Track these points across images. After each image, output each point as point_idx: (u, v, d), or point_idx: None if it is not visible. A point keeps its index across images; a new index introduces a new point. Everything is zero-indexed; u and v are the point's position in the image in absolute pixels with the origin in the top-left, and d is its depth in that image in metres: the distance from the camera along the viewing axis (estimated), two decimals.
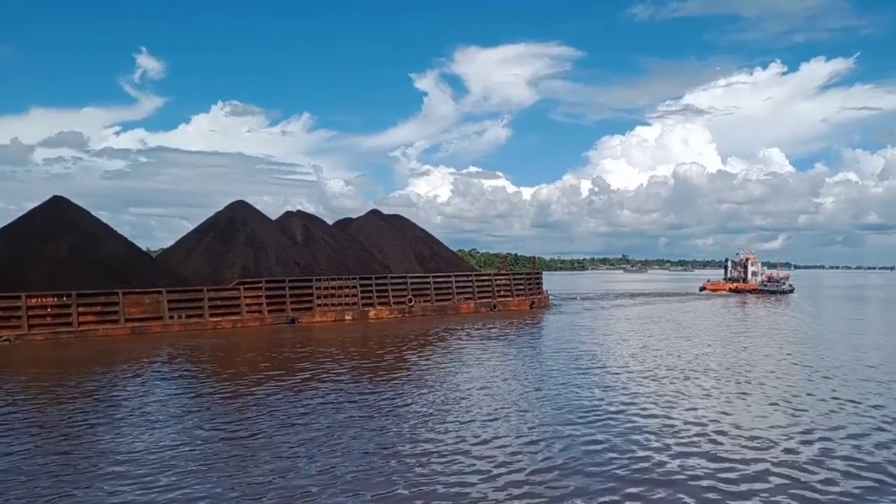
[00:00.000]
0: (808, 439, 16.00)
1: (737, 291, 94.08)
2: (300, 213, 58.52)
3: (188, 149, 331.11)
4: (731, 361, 28.46)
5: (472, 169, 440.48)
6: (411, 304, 51.63)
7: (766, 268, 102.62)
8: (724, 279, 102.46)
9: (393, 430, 16.79)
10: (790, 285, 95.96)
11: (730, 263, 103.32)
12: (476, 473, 13.45)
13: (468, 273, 61.01)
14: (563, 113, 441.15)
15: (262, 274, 46.35)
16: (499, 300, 57.99)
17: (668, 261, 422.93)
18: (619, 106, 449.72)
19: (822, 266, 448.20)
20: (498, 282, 59.89)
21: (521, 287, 61.46)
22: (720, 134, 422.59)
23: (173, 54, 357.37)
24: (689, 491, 12.54)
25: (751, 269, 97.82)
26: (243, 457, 14.55)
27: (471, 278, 58.38)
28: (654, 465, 13.97)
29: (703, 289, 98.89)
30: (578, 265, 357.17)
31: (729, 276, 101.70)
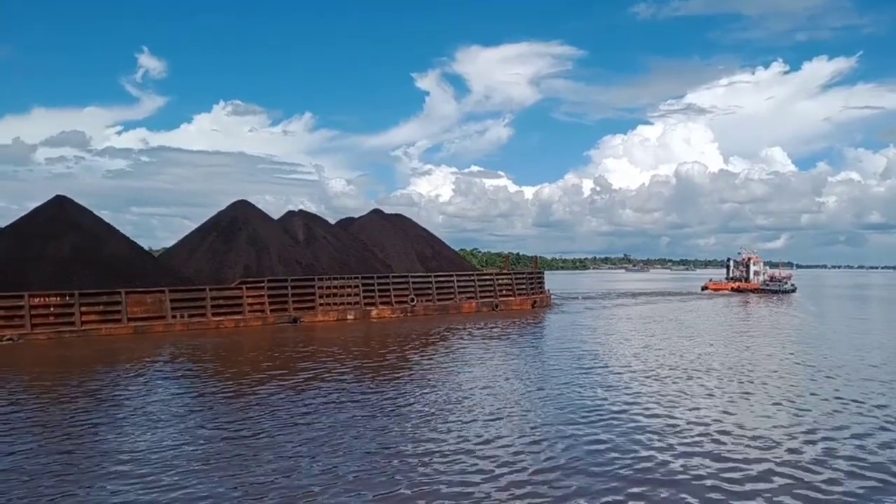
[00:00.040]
0: (812, 439, 15.94)
1: (739, 291, 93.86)
2: (302, 212, 58.45)
3: (190, 148, 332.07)
4: (734, 361, 28.39)
5: (474, 168, 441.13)
6: (413, 304, 51.60)
7: (768, 267, 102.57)
8: (726, 279, 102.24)
9: (395, 429, 16.77)
10: (792, 285, 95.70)
11: (732, 263, 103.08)
12: (479, 473, 13.42)
13: (470, 272, 60.93)
14: (564, 112, 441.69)
15: (264, 273, 46.37)
16: (501, 299, 57.95)
17: (670, 260, 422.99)
18: (621, 105, 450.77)
19: (824, 265, 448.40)
20: (500, 281, 59.82)
21: (523, 286, 61.38)
22: (722, 133, 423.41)
23: (175, 54, 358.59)
24: (693, 491, 12.50)
25: (753, 268, 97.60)
26: (246, 456, 14.54)
27: (473, 278, 58.30)
28: (657, 465, 13.93)
29: (705, 288, 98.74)
30: (580, 264, 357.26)
31: (731, 275, 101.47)
